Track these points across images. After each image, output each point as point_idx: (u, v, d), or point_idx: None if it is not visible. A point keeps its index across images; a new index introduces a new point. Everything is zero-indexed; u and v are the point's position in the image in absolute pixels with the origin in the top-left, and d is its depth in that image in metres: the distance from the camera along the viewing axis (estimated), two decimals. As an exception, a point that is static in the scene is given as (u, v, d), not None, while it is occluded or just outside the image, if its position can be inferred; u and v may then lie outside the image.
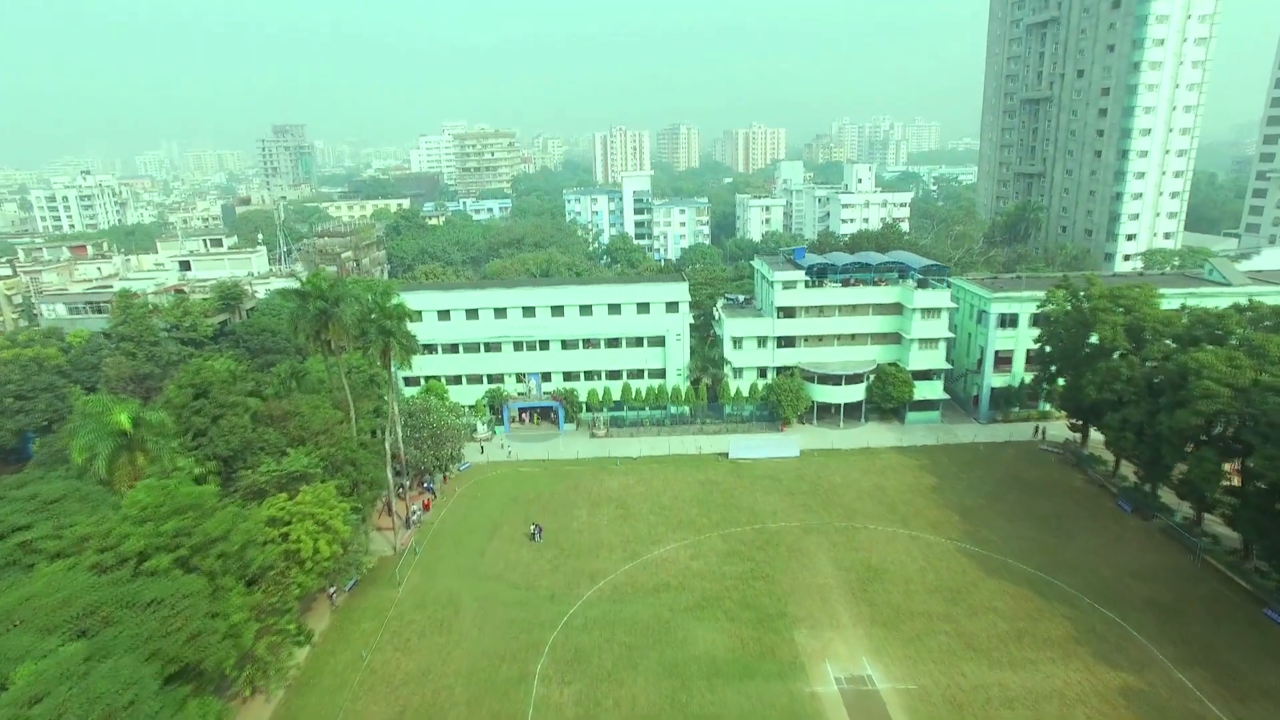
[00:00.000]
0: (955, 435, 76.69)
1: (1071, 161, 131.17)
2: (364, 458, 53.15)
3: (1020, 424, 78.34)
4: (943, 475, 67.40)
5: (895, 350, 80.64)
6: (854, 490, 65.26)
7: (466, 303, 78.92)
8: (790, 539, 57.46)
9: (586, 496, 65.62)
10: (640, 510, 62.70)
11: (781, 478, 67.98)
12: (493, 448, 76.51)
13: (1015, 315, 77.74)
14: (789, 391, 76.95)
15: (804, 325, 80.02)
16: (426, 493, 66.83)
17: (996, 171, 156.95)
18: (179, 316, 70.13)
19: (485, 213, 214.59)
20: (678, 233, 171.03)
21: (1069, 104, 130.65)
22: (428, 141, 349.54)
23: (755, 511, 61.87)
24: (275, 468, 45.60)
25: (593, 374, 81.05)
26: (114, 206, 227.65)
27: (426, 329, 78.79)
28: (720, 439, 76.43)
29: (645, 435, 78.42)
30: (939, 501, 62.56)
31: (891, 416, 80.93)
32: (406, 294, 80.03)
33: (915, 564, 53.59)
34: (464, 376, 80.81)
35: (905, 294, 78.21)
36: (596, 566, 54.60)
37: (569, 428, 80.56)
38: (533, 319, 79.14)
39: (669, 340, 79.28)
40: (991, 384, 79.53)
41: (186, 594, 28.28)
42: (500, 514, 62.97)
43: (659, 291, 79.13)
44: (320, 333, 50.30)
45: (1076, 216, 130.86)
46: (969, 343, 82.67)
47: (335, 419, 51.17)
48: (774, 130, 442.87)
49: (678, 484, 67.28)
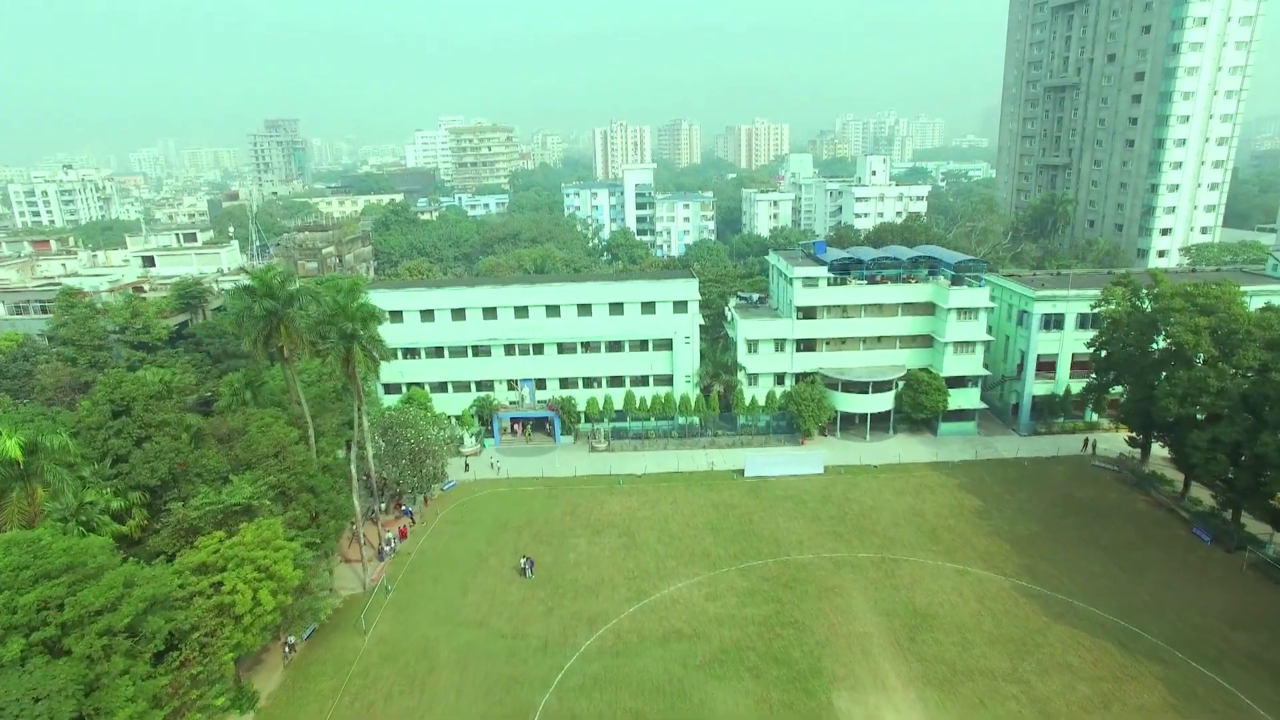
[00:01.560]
0: (995, 449, 69.08)
1: (1101, 152, 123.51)
2: (325, 483, 45.54)
3: (1065, 436, 70.73)
4: (987, 496, 59.81)
5: (927, 355, 73.03)
6: (888, 514, 57.66)
7: (452, 302, 71.24)
8: (820, 575, 49.84)
9: (585, 522, 58.01)
10: (646, 539, 55.07)
11: (805, 499, 60.37)
12: (481, 463, 68.86)
13: (1061, 316, 70.10)
14: (810, 400, 69.33)
15: (826, 327, 72.39)
16: (404, 517, 59.21)
17: (1017, 164, 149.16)
18: (128, 317, 62.47)
19: (481, 209, 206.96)
20: (681, 228, 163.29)
21: (1098, 91, 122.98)
22: (424, 137, 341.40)
23: (778, 540, 54.27)
24: (213, 499, 37.98)
25: (592, 381, 73.41)
26: (97, 202, 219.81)
27: (408, 331, 71.26)
28: (734, 453, 68.82)
29: (651, 449, 70.77)
30: (986, 528, 54.97)
31: (922, 428, 73.32)
32: (387, 292, 72.64)
33: (968, 607, 45.97)
34: (450, 383, 73.16)
35: (939, 292, 70.59)
36: (597, 609, 46.98)
37: (566, 440, 72.92)
38: (526, 320, 71.46)
39: (677, 343, 71.64)
40: (1033, 392, 71.91)
41: (41, 695, 20.73)
42: (487, 543, 55.35)
43: (665, 289, 71.49)
44: (271, 337, 42.72)
45: (1106, 210, 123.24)
46: (1007, 346, 75.05)
47: (290, 438, 43.53)
48: (777, 126, 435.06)
49: (688, 507, 59.68)
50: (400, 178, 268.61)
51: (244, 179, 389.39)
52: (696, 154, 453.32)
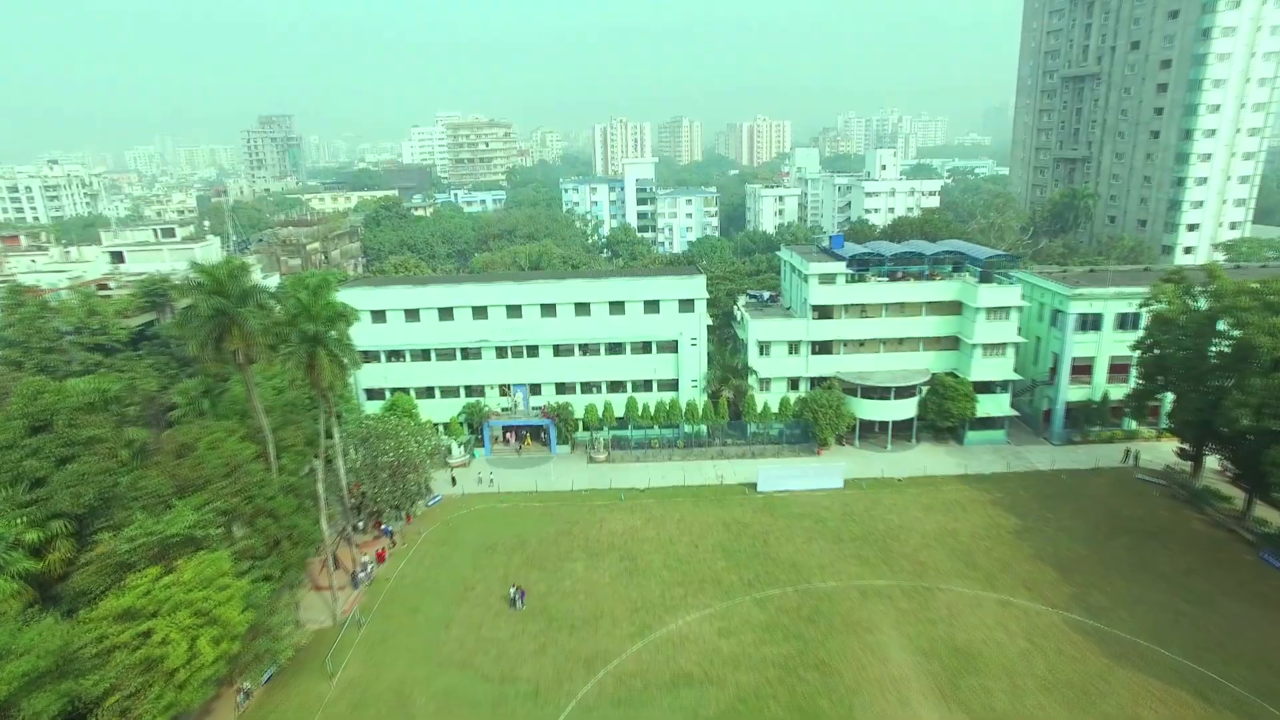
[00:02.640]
0: (1028, 460, 63.68)
1: (1123, 144, 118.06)
2: (287, 505, 40.12)
3: (1102, 446, 65.40)
4: (1024, 514, 54.40)
5: (952, 358, 67.64)
6: (917, 535, 52.25)
7: (439, 300, 65.78)
8: (846, 606, 44.43)
9: (583, 542, 52.57)
10: (651, 563, 49.64)
11: (825, 517, 54.97)
12: (469, 476, 63.41)
13: (1098, 316, 64.70)
14: (828, 407, 63.92)
15: (844, 328, 66.96)
16: (384, 537, 53.80)
17: (1032, 158, 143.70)
18: (83, 316, 57.03)
19: (478, 205, 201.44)
20: (684, 224, 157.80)
21: (1120, 80, 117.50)
22: (420, 133, 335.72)
23: (797, 565, 48.84)
24: (148, 529, 32.53)
25: (591, 386, 67.99)
26: (84, 198, 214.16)
27: (392, 332, 65.87)
28: (745, 465, 63.41)
29: (654, 460, 65.34)
30: (1027, 551, 49.56)
31: (947, 437, 67.93)
32: (368, 290, 67.30)
33: (1016, 645, 40.59)
34: (437, 389, 67.71)
35: (967, 290, 65.18)
36: (596, 646, 41.58)
37: (562, 450, 67.49)
38: (519, 320, 66.00)
39: (682, 345, 66.23)
40: (1067, 398, 66.52)
41: None
42: (473, 567, 49.91)
43: (670, 286, 66.04)
44: (221, 340, 37.30)
45: (1128, 205, 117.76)
46: (1038, 349, 69.63)
47: (244, 455, 38.09)
48: (779, 123, 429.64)
49: (697, 526, 54.26)
50: (395, 174, 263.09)
51: (239, 176, 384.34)
52: (697, 151, 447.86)
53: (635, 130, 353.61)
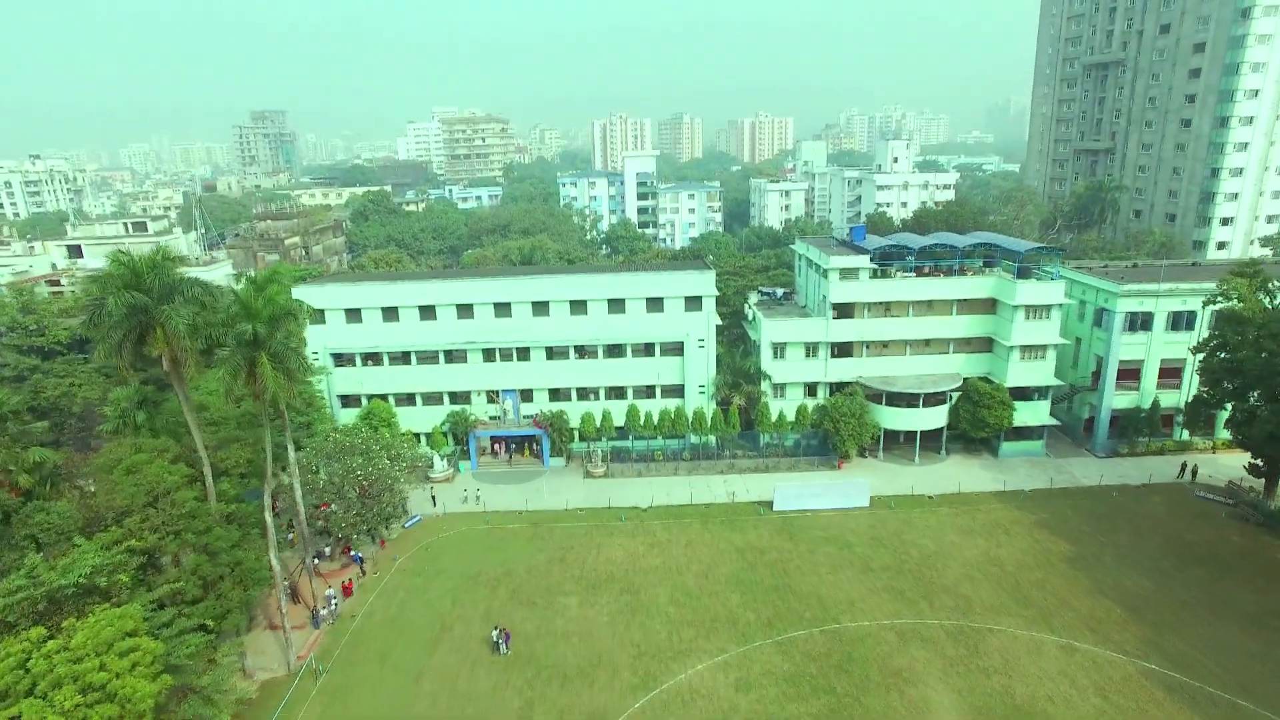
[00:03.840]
0: (1071, 474, 57.49)
1: (1150, 134, 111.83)
2: (226, 539, 33.86)
3: (1152, 459, 59.33)
4: (1076, 538, 48.19)
5: (985, 361, 61.46)
6: (957, 562, 46.02)
7: (420, 297, 59.52)
8: (882, 651, 38.21)
9: (578, 572, 46.32)
10: (655, 597, 43.39)
11: (851, 542, 48.73)
12: (453, 492, 57.16)
13: (1148, 315, 58.52)
14: (849, 416, 57.70)
15: (866, 328, 60.71)
16: (353, 565, 47.56)
17: (1050, 150, 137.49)
18: (14, 314, 50.72)
19: (473, 201, 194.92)
20: (686, 220, 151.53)
21: (1148, 67, 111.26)
22: (416, 129, 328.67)
23: (822, 600, 42.62)
24: (38, 577, 26.30)
25: (588, 392, 61.75)
26: (67, 194, 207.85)
27: (368, 332, 59.68)
28: (759, 480, 57.20)
29: (658, 475, 59.11)
30: (1085, 583, 43.34)
31: (979, 448, 61.74)
32: (342, 286, 61.07)
33: (1088, 702, 34.37)
34: (418, 395, 61.47)
35: (1003, 286, 58.95)
36: (592, 703, 35.38)
37: (556, 463, 61.23)
38: (508, 319, 59.75)
39: (689, 347, 60.01)
40: (1113, 405, 60.34)
41: None
42: (452, 602, 43.65)
43: (675, 282, 59.79)
44: (142, 343, 31.09)
45: (1156, 198, 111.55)
46: (1077, 351, 63.39)
47: (170, 481, 31.83)
48: (781, 120, 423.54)
49: (707, 552, 48.01)
50: (389, 170, 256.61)
51: (233, 173, 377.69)
52: (698, 148, 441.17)
53: (635, 126, 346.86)
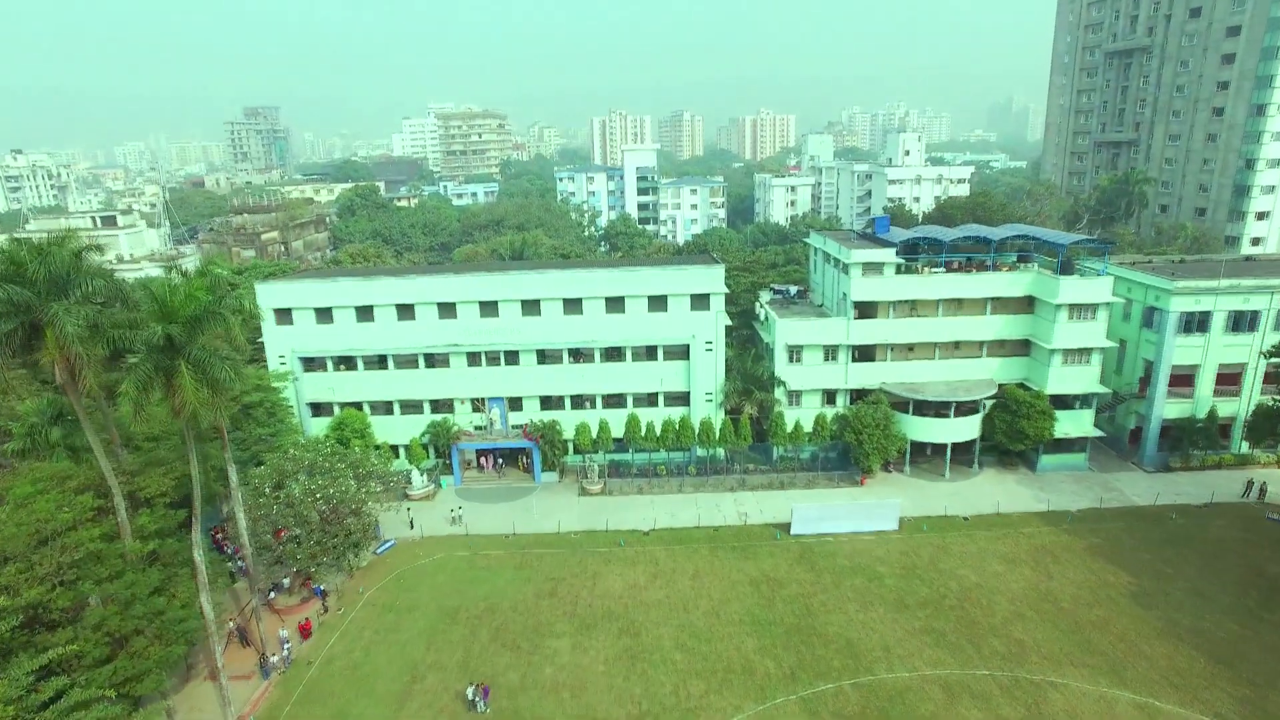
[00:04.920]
0: (1120, 492, 51.71)
1: (1178, 124, 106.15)
2: (141, 585, 28.05)
3: (1208, 474, 53.68)
4: (1137, 568, 42.41)
5: (1022, 366, 55.68)
6: (1004, 598, 40.23)
7: (396, 294, 53.73)
8: (928, 711, 32.42)
9: (569, 608, 40.51)
10: (659, 640, 37.59)
11: (881, 572, 42.92)
12: (433, 512, 51.34)
13: (1206, 315, 52.76)
14: (873, 427, 51.89)
15: (893, 329, 54.90)
16: (314, 599, 41.78)
17: (1069, 143, 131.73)
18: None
19: (468, 198, 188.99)
20: (688, 216, 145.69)
21: (1176, 53, 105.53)
22: (411, 125, 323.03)
23: (852, 645, 36.82)
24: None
25: (583, 400, 56.01)
26: (50, 190, 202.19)
27: (340, 333, 53.94)
28: (773, 499, 51.43)
29: (661, 492, 53.31)
30: (1156, 624, 37.56)
31: (1016, 462, 55.98)
32: (313, 282, 55.26)
33: (1180, 781, 28.61)
34: (395, 403, 55.70)
35: (1043, 283, 53.15)
36: (583, 779, 29.62)
37: (549, 479, 55.42)
38: (494, 319, 53.96)
39: (695, 350, 54.23)
40: (1163, 414, 54.60)
41: None
42: (425, 646, 37.84)
43: (681, 278, 53.97)
44: (29, 348, 25.33)
45: (1184, 192, 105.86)
46: (1122, 355, 57.60)
47: (64, 518, 26.00)
48: (783, 117, 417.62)
49: (718, 584, 42.20)
50: (383, 167, 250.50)
51: (227, 171, 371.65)
52: (699, 146, 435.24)
53: (635, 123, 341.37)
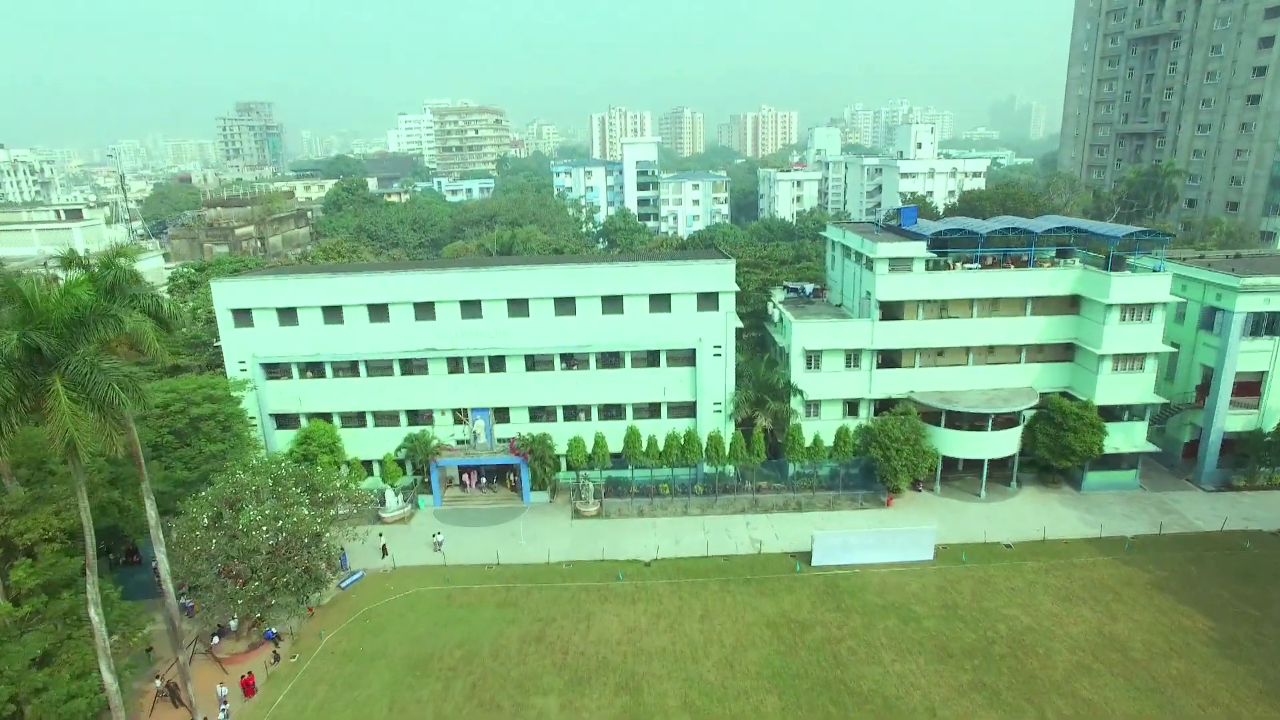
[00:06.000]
0: (1180, 515, 46.08)
1: (1208, 113, 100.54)
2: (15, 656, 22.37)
3: (1275, 493, 48.02)
4: (1215, 609, 36.75)
5: (1064, 372, 50.09)
6: (1064, 645, 34.57)
7: (368, 293, 48.04)
8: (989, 797, 26.76)
9: (559, 657, 34.84)
10: (664, 700, 31.92)
11: (918, 613, 37.26)
12: (409, 537, 45.68)
13: (1275, 316, 47.13)
14: (902, 441, 46.22)
15: (921, 331, 49.24)
16: (265, 644, 36.14)
17: (1088, 134, 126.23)
18: None
19: (463, 194, 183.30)
20: (690, 212, 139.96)
21: (1207, 38, 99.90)
22: (407, 121, 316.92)
23: (890, 705, 31.17)
24: None
25: (577, 411, 50.36)
26: (32, 185, 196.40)
27: (305, 336, 48.31)
28: (790, 523, 45.79)
29: (664, 514, 47.63)
30: (1254, 681, 31.93)
31: (1056, 479, 50.31)
32: (275, 280, 49.59)
33: None
34: (369, 414, 50.03)
35: (1091, 280, 47.50)
36: None
37: (539, 498, 49.74)
38: (478, 320, 48.29)
39: (702, 355, 48.56)
40: (1224, 426, 48.98)
41: None
42: (389, 706, 32.16)
43: (687, 274, 48.31)
44: None
45: (1215, 185, 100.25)
46: (1174, 361, 51.94)
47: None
48: (785, 114, 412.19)
49: (730, 627, 36.54)
50: (377, 163, 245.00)
51: (219, 168, 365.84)
52: (699, 143, 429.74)
53: (635, 120, 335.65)
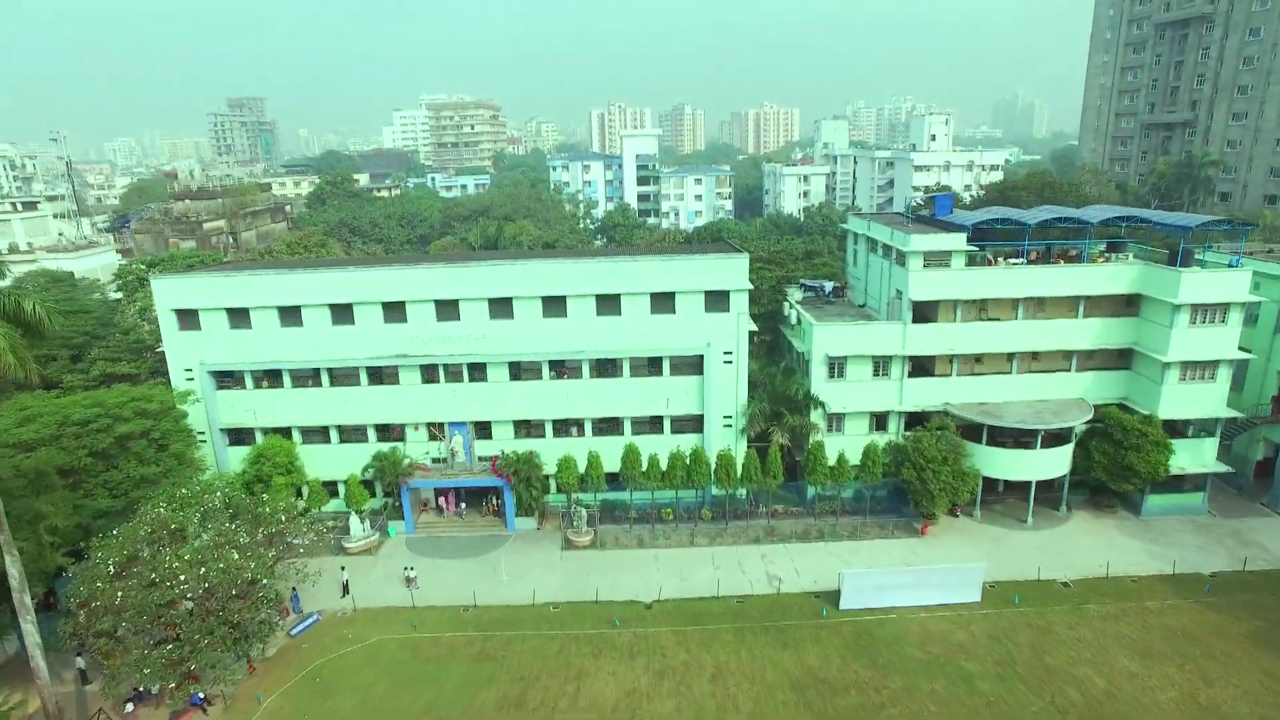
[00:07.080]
0: (1263, 547, 40.19)
1: (1244, 101, 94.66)
2: None
3: (1363, 520, 42.12)
4: (1322, 668, 30.83)
5: (1120, 381, 44.19)
6: (1151, 717, 28.64)
7: (330, 291, 42.08)
8: None
9: (543, 732, 28.93)
10: (668, 793, 26.00)
11: (969, 670, 31.29)
12: (375, 571, 39.75)
13: (1367, 318, 41.26)
14: (939, 461, 40.27)
15: (958, 335, 43.30)
16: (192, 711, 30.21)
17: (1111, 125, 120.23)
18: None
19: (458, 190, 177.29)
20: (693, 208, 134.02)
21: (1243, 20, 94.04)
22: (402, 117, 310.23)
23: (952, 803, 25.22)
24: None
25: (568, 425, 44.41)
26: (14, 180, 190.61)
27: (261, 340, 42.40)
28: (812, 554, 39.86)
29: (667, 544, 41.68)
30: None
31: (1112, 502, 44.41)
32: (225, 277, 43.61)
33: None
34: (332, 429, 44.10)
35: (1154, 277, 41.57)
36: None
37: (525, 525, 43.78)
38: (455, 323, 42.35)
39: (711, 362, 42.60)
40: (1303, 444, 43.11)
41: None
42: (328, 802, 26.27)
43: (693, 270, 42.38)
44: None
45: (1251, 177, 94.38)
46: (1250, 369, 45.93)
47: None
48: (787, 110, 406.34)
49: (748, 689, 30.56)
50: (370, 159, 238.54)
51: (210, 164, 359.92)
52: (700, 140, 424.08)
53: (635, 116, 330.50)
